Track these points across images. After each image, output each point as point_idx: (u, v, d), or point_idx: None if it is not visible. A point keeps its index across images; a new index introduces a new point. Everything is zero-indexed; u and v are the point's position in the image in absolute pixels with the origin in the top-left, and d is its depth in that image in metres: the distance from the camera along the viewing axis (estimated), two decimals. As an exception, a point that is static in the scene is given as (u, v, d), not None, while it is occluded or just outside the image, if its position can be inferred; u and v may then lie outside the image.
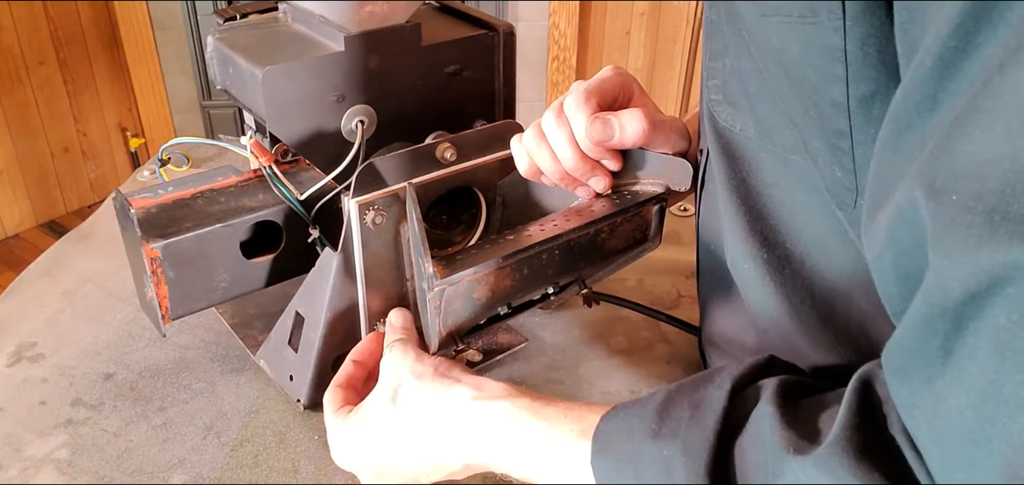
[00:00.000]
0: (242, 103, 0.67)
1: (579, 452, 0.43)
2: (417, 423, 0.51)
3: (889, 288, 0.36)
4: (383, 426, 0.52)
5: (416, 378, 0.52)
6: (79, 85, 2.58)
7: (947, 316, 0.29)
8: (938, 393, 0.30)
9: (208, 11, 2.43)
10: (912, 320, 0.32)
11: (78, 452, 0.62)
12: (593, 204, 0.61)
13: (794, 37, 0.39)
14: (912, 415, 0.33)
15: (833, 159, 0.41)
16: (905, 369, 0.33)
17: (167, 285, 0.60)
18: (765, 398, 0.38)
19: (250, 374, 0.70)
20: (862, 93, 0.37)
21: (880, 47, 0.36)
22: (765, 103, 0.45)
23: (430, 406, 0.51)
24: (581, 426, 0.44)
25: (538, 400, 0.48)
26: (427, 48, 0.67)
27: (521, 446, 0.47)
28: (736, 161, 0.49)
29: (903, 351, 0.33)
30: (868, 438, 0.34)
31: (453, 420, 0.50)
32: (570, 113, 0.57)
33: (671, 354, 0.75)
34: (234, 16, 0.70)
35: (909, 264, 0.33)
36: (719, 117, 0.50)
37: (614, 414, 0.43)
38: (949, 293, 0.29)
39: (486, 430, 0.48)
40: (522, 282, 0.59)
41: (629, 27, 2.66)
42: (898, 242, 0.33)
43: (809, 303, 0.49)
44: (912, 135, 0.32)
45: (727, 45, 0.48)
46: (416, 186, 0.59)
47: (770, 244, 0.49)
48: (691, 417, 0.39)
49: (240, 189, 0.65)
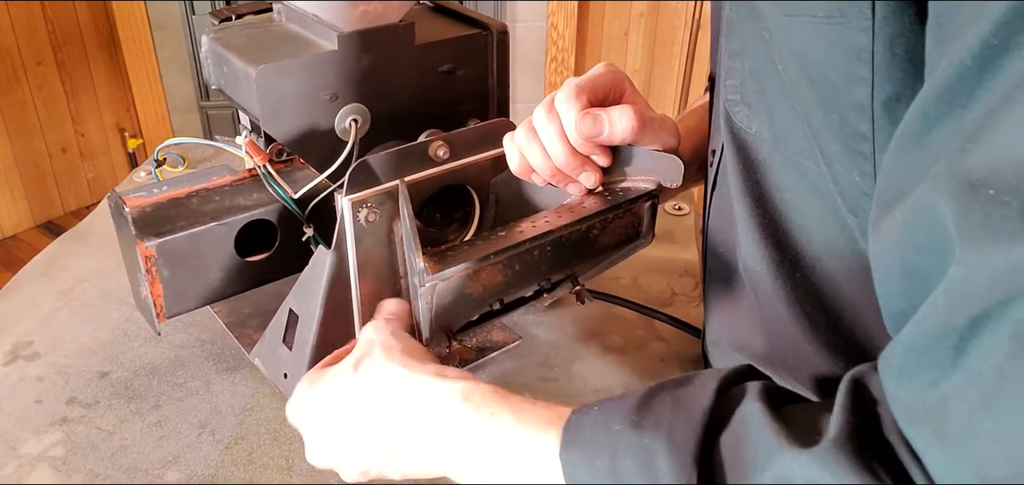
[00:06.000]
0: (237, 103, 0.67)
1: (545, 443, 0.41)
2: (371, 393, 0.50)
3: (890, 286, 0.35)
4: (338, 390, 0.51)
5: (383, 350, 0.51)
6: (77, 85, 2.58)
7: (968, 316, 0.28)
8: (944, 396, 0.30)
9: (206, 12, 2.42)
10: (925, 320, 0.31)
11: (73, 450, 0.62)
12: (585, 201, 0.61)
13: (819, 38, 0.39)
14: (911, 418, 0.32)
15: (852, 163, 0.41)
16: (908, 371, 0.32)
17: (162, 284, 0.61)
18: (751, 397, 0.37)
19: (245, 372, 0.71)
20: (887, 95, 0.37)
21: (907, 47, 0.35)
22: (781, 106, 0.45)
23: (388, 380, 0.50)
24: (550, 415, 0.42)
25: (502, 390, 0.46)
26: (420, 47, 0.68)
27: (478, 435, 0.45)
28: (750, 163, 0.49)
29: (908, 353, 0.32)
30: (866, 438, 0.33)
31: (408, 398, 0.48)
32: (561, 108, 0.57)
33: (665, 352, 0.75)
34: (229, 17, 0.71)
35: (919, 263, 0.32)
36: (735, 118, 0.50)
37: (587, 407, 0.41)
38: (976, 290, 0.28)
39: (442, 412, 0.46)
40: (514, 278, 0.59)
41: (627, 28, 2.67)
42: (912, 239, 0.32)
43: (819, 309, 0.49)
44: (941, 132, 0.31)
45: (746, 45, 0.47)
46: (409, 184, 0.59)
47: (781, 246, 0.49)
48: (674, 410, 0.38)
49: (234, 188, 0.66)
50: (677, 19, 2.64)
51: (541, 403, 0.44)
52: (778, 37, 0.43)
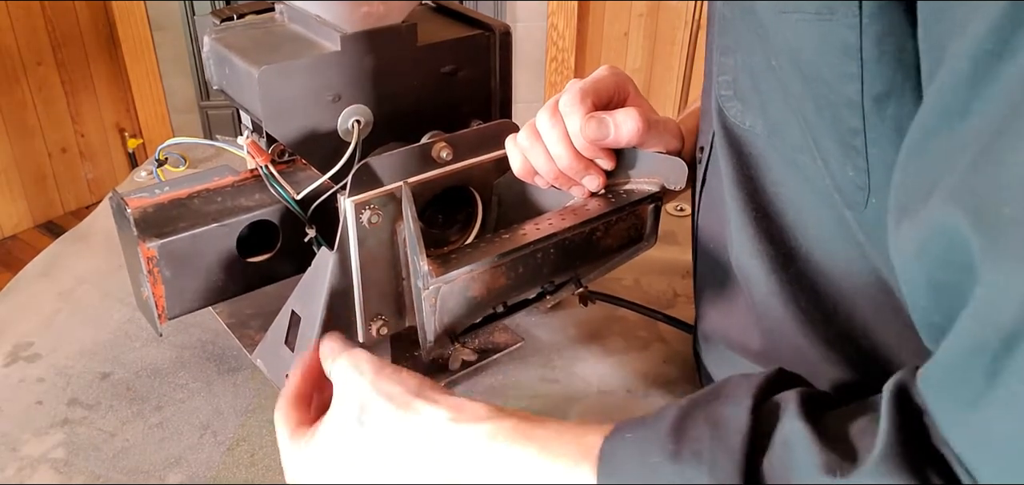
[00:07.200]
0: (239, 103, 0.67)
1: (579, 478, 0.38)
2: (388, 447, 0.45)
3: (919, 299, 0.34)
4: (350, 449, 0.46)
5: (385, 398, 0.46)
6: (77, 86, 2.58)
7: (999, 337, 0.28)
8: (983, 417, 0.29)
9: (206, 12, 2.41)
10: (958, 340, 0.30)
11: (74, 451, 0.62)
12: (588, 203, 0.61)
13: (810, 34, 0.39)
14: (956, 435, 0.31)
15: (846, 158, 0.41)
16: (948, 389, 0.31)
17: (163, 284, 0.61)
18: (791, 414, 0.35)
19: (247, 373, 0.70)
20: (877, 92, 0.37)
21: (897, 46, 0.35)
22: (776, 101, 0.45)
23: (402, 429, 0.45)
24: (580, 448, 0.39)
25: (526, 420, 0.42)
26: (423, 48, 0.68)
27: (508, 474, 0.41)
28: (744, 157, 0.49)
29: (946, 372, 0.31)
30: (914, 450, 0.31)
31: (429, 446, 0.44)
32: (565, 112, 0.57)
33: (667, 354, 0.75)
34: (231, 17, 0.70)
35: (944, 277, 0.31)
36: (728, 113, 0.50)
37: (619, 434, 0.39)
38: (1003, 312, 0.27)
39: (467, 457, 0.43)
40: (517, 281, 0.59)
41: (627, 28, 2.67)
42: (929, 257, 0.31)
43: (813, 303, 0.48)
44: (941, 142, 0.31)
45: (739, 41, 0.47)
46: (412, 185, 0.59)
47: (776, 242, 0.49)
48: (713, 436, 0.36)
49: (236, 189, 0.66)
50: (677, 19, 2.64)
51: (569, 432, 0.41)
52: (772, 33, 0.43)
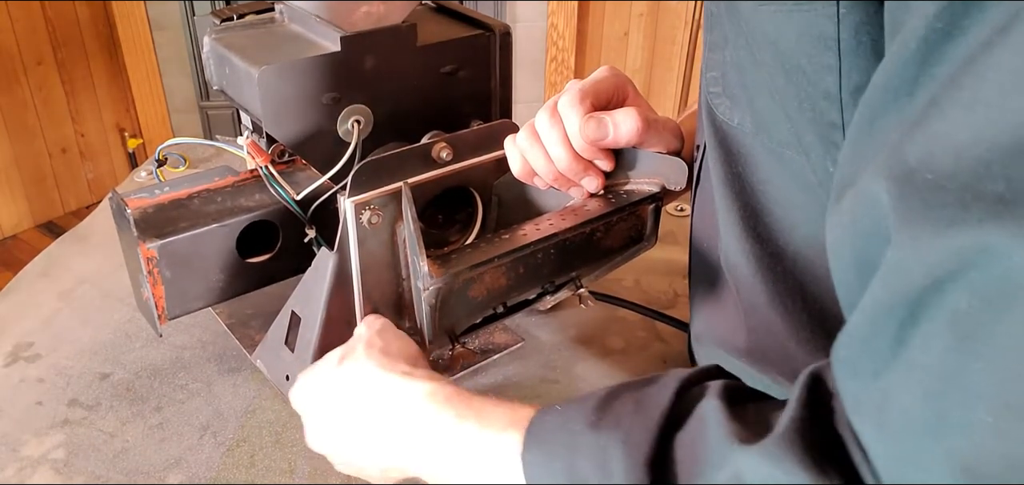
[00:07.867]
0: (238, 103, 0.67)
1: (507, 444, 0.42)
2: (349, 390, 0.52)
3: (846, 275, 0.34)
4: (325, 381, 0.54)
5: (364, 348, 0.53)
6: (77, 86, 2.58)
7: (905, 303, 0.28)
8: (885, 388, 0.29)
9: (206, 12, 2.41)
10: (866, 309, 0.30)
11: (74, 452, 0.62)
12: (588, 203, 0.61)
13: (789, 25, 0.39)
14: (858, 412, 0.31)
15: (825, 153, 0.41)
16: (853, 363, 0.32)
17: (163, 285, 0.61)
18: (711, 395, 0.37)
19: (247, 374, 0.70)
20: (855, 84, 0.37)
21: (874, 37, 0.36)
22: (762, 96, 0.45)
23: (362, 377, 0.51)
24: (512, 417, 0.43)
25: (469, 392, 0.48)
26: (423, 48, 0.68)
27: (443, 436, 0.46)
28: (732, 155, 0.49)
29: (853, 343, 0.32)
30: (817, 433, 0.32)
31: (378, 397, 0.50)
32: (564, 112, 0.57)
33: (667, 354, 0.75)
34: (231, 17, 0.70)
35: (867, 250, 0.31)
36: (717, 110, 0.50)
37: (551, 408, 0.42)
38: (911, 277, 0.27)
39: (408, 414, 0.48)
40: (517, 281, 0.59)
41: (627, 28, 2.67)
42: (859, 227, 0.32)
43: (800, 303, 0.48)
44: (887, 120, 0.31)
45: (727, 37, 0.47)
46: (412, 186, 0.59)
47: (763, 240, 0.49)
48: (634, 410, 0.38)
49: (236, 189, 0.66)
50: (677, 19, 2.64)
51: (506, 404, 0.45)
52: (753, 26, 0.43)
